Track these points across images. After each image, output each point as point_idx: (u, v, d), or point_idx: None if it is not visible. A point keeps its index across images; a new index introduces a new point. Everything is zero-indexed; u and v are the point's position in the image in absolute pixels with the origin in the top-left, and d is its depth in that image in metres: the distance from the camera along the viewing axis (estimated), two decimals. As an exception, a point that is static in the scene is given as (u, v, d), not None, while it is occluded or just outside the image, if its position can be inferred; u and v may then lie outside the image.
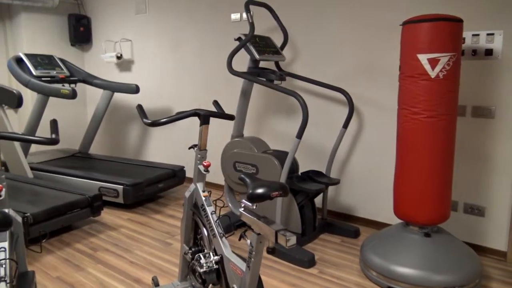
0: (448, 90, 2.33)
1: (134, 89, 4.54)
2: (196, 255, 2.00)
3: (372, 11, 3.24)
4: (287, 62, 3.78)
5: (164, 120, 2.11)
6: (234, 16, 4.08)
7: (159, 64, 4.87)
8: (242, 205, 1.69)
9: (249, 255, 1.64)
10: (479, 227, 2.95)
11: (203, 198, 2.11)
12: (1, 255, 1.67)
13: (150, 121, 2.11)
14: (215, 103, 2.51)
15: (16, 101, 3.72)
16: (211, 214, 2.04)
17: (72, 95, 3.90)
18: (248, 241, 1.66)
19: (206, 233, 2.11)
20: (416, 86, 2.37)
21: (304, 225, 3.10)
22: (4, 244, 1.71)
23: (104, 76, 5.46)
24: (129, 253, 2.98)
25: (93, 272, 2.71)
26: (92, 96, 5.73)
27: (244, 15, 3.98)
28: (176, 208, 3.99)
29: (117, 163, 4.55)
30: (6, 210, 1.85)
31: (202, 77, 4.48)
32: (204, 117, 2.16)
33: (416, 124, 2.40)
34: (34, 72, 4.20)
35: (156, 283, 2.36)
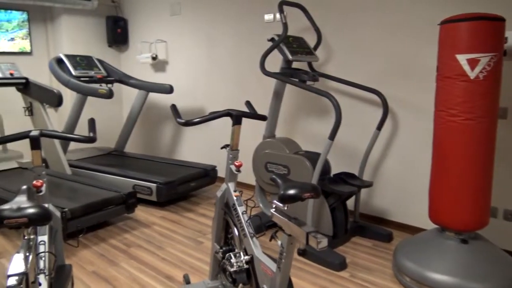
0: (488, 92, 2.25)
1: (168, 89, 4.62)
2: (227, 255, 2.01)
3: (408, 9, 3.16)
4: (320, 62, 3.75)
5: (197, 120, 2.14)
6: (268, 17, 4.08)
7: (193, 64, 4.93)
8: (273, 205, 1.69)
9: (280, 256, 1.64)
10: (520, 235, 2.83)
11: (235, 198, 2.12)
12: (41, 248, 1.73)
13: (183, 121, 2.14)
14: (248, 103, 2.52)
15: (56, 100, 3.87)
16: (242, 214, 2.05)
17: (109, 95, 4.01)
18: (279, 242, 1.65)
19: (237, 233, 2.12)
20: (454, 87, 2.30)
21: (335, 228, 3.06)
22: (44, 238, 1.78)
23: (139, 76, 5.59)
24: (161, 250, 3.04)
25: (126, 267, 2.77)
26: (127, 95, 5.87)
27: (278, 15, 3.98)
28: (208, 207, 4.03)
29: (151, 162, 4.65)
30: (46, 205, 1.92)
31: (235, 77, 4.50)
32: (237, 117, 2.17)
33: (454, 127, 2.32)
34: (73, 72, 4.35)
35: (187, 281, 2.39)
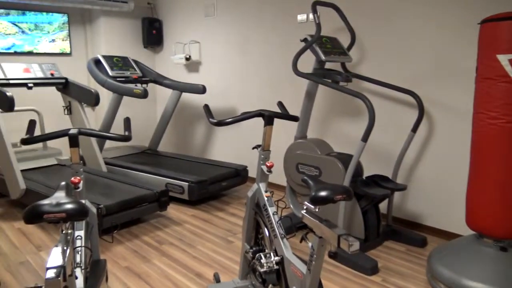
0: (532, 94, 2.15)
1: (201, 90, 4.68)
2: (257, 255, 2.02)
3: (445, 8, 3.07)
4: (354, 63, 3.70)
5: (229, 120, 2.15)
6: (301, 17, 4.06)
7: (226, 65, 4.97)
8: (305, 207, 1.68)
9: (310, 258, 1.63)
10: None
11: (265, 198, 2.12)
12: (78, 243, 1.79)
13: (215, 121, 2.16)
14: (280, 104, 2.51)
15: (94, 100, 3.99)
16: (273, 214, 2.04)
17: (144, 95, 4.10)
18: (310, 244, 1.64)
19: (267, 233, 2.12)
20: (495, 88, 2.21)
21: (367, 231, 3.01)
22: (80, 233, 1.84)
23: (173, 76, 5.69)
24: (192, 248, 3.08)
25: (158, 264, 2.83)
26: (162, 95, 5.99)
27: (311, 15, 3.95)
28: (238, 207, 4.05)
29: (183, 161, 4.72)
30: (83, 201, 1.98)
31: (267, 78, 4.51)
32: (269, 118, 2.17)
33: (494, 130, 2.24)
34: (110, 72, 4.48)
35: (217, 279, 2.41)
